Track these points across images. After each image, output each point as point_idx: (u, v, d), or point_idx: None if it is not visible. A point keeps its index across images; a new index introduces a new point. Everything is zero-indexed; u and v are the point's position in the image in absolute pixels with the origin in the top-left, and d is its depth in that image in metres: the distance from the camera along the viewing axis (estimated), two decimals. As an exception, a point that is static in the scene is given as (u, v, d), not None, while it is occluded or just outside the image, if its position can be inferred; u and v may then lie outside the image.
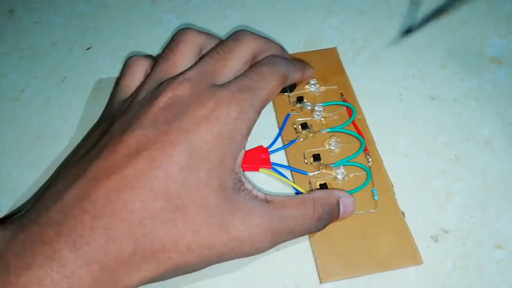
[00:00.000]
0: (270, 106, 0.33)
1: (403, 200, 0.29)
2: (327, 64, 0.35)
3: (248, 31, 0.28)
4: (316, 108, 0.32)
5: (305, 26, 0.39)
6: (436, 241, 0.27)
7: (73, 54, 0.39)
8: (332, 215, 0.26)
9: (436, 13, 0.34)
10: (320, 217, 0.25)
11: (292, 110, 0.32)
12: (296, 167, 0.30)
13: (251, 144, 0.30)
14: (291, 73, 0.29)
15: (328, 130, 0.31)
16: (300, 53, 0.36)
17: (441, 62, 0.36)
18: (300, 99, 0.33)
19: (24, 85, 0.37)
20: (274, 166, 0.29)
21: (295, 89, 0.33)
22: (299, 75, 0.30)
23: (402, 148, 0.31)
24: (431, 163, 0.31)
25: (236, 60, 0.27)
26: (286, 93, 0.33)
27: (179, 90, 0.24)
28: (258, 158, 0.29)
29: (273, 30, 0.39)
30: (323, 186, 0.28)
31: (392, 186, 0.29)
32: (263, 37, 0.29)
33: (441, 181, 0.30)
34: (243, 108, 0.24)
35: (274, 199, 0.25)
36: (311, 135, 0.31)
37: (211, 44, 0.28)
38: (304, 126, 0.31)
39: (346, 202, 0.26)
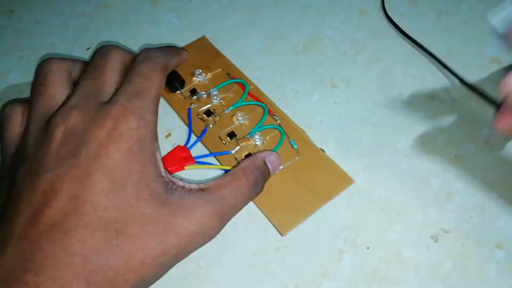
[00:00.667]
0: (170, 110, 0.34)
1: (404, 199, 0.29)
2: (204, 53, 0.37)
3: (109, 45, 0.28)
4: (211, 94, 0.34)
5: (305, 26, 0.39)
6: (436, 241, 0.27)
7: (73, 54, 0.39)
8: (264, 175, 0.27)
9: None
10: (254, 182, 0.26)
11: (190, 104, 0.34)
12: (218, 151, 0.31)
13: (168, 149, 0.31)
14: (169, 61, 0.29)
15: (231, 108, 0.33)
16: None
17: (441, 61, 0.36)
18: (193, 92, 0.34)
19: (24, 85, 0.37)
20: (197, 160, 0.31)
21: (185, 85, 0.35)
22: (177, 59, 0.31)
23: (402, 148, 0.31)
24: (431, 163, 0.31)
25: (111, 74, 0.26)
26: (179, 91, 0.34)
27: (71, 120, 0.23)
28: (179, 158, 0.31)
29: (273, 30, 0.39)
30: (248, 156, 0.30)
31: (304, 131, 0.32)
32: (125, 48, 0.29)
33: (441, 181, 0.30)
34: (139, 115, 0.24)
35: (208, 185, 0.25)
36: (218, 118, 0.33)
37: (77, 67, 0.27)
38: (208, 113, 0.33)
39: (271, 159, 0.28)
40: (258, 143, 0.31)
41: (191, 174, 0.30)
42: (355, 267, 0.27)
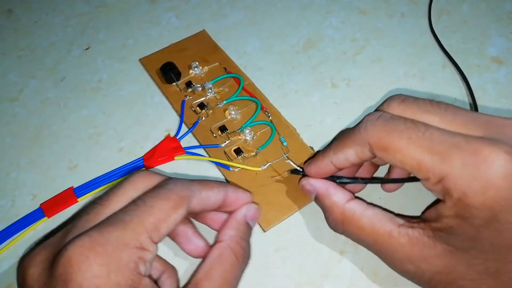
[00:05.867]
0: (164, 101, 0.35)
1: (404, 200, 0.29)
2: (202, 46, 0.37)
3: (139, 170, 0.24)
4: (206, 87, 0.34)
5: (305, 26, 0.39)
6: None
7: (72, 54, 0.38)
8: (249, 235, 0.25)
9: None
10: (244, 256, 0.24)
11: (185, 96, 0.34)
12: (208, 144, 0.31)
13: (157, 139, 0.32)
14: (194, 195, 0.23)
15: (224, 102, 0.33)
16: (174, 44, 0.38)
17: (441, 61, 0.36)
18: (189, 84, 0.35)
19: (22, 85, 0.37)
20: (187, 150, 0.31)
21: (181, 77, 0.35)
22: (206, 191, 0.24)
23: (402, 148, 0.31)
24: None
25: (115, 204, 0.22)
26: (174, 83, 0.35)
27: (31, 268, 0.20)
28: (169, 148, 0.31)
29: (272, 29, 0.39)
30: (237, 151, 0.31)
31: (295, 129, 0.32)
32: (158, 172, 0.24)
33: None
34: (110, 254, 0.19)
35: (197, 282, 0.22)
36: (210, 111, 0.33)
37: None
38: (202, 106, 0.33)
39: (252, 216, 0.25)
40: (248, 138, 0.31)
41: (178, 166, 0.31)
42: (355, 268, 0.26)
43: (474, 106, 0.32)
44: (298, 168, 0.28)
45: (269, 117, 0.32)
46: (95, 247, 0.19)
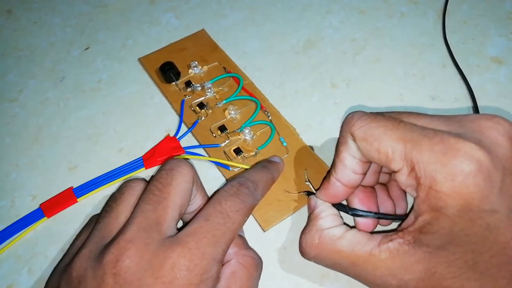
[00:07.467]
0: (164, 101, 0.35)
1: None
2: (202, 46, 0.37)
3: (178, 159, 0.25)
4: (206, 86, 0.34)
5: (305, 26, 0.39)
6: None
7: (71, 54, 0.38)
8: (246, 241, 0.25)
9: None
10: (254, 261, 0.24)
11: (184, 95, 0.34)
12: (207, 144, 0.31)
13: (157, 139, 0.32)
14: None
15: (224, 102, 0.33)
16: (173, 43, 0.38)
17: (441, 61, 0.36)
18: (188, 84, 0.35)
19: (22, 85, 0.37)
20: (187, 150, 0.31)
21: (180, 77, 0.35)
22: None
23: (402, 148, 0.31)
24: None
25: (176, 196, 0.23)
26: (174, 83, 0.35)
27: (125, 261, 0.21)
28: (168, 149, 0.31)
29: (272, 29, 0.39)
30: (237, 150, 0.31)
31: (295, 129, 0.32)
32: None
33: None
34: (206, 267, 0.21)
35: None
36: (210, 111, 0.33)
37: None
38: (201, 105, 0.33)
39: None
40: (247, 137, 0.31)
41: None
42: (355, 268, 0.26)
43: (475, 108, 0.32)
44: (315, 191, 0.27)
45: (269, 117, 0.32)
46: (194, 259, 0.21)
